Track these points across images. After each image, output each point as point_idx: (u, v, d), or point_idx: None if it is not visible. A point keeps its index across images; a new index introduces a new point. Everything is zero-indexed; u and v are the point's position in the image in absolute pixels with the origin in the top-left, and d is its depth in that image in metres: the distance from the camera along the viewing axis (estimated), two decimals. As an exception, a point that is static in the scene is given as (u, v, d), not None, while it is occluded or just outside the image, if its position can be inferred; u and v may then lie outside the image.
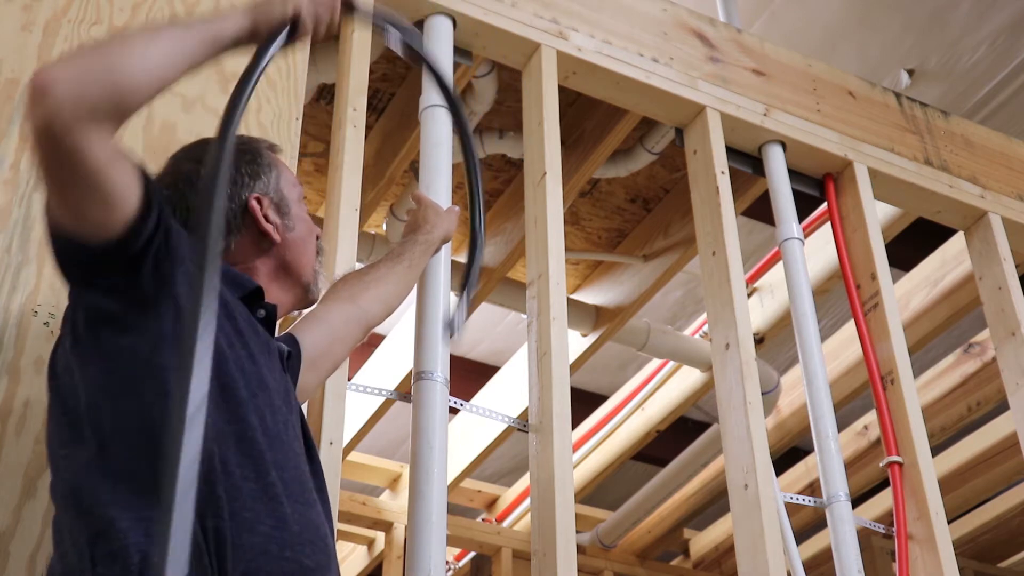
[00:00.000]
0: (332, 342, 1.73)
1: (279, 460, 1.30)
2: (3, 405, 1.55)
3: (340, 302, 1.74)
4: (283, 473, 1.29)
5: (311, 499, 1.33)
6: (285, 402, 1.39)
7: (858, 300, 2.71)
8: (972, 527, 4.65)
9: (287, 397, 1.41)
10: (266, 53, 1.34)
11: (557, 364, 2.13)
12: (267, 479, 1.27)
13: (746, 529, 2.22)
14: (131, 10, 1.98)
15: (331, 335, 1.72)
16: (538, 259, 2.28)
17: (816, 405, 2.52)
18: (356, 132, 2.18)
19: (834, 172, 2.90)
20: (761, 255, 3.82)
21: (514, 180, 3.23)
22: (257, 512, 1.24)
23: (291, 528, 1.26)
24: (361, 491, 4.41)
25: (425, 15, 2.45)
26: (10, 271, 1.65)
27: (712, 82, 2.75)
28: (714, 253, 2.54)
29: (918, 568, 2.40)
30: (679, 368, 3.85)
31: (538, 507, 2.02)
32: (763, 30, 4.10)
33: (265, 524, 1.24)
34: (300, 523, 1.27)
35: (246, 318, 1.42)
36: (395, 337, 3.69)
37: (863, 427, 4.11)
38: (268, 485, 1.27)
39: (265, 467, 1.27)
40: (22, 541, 1.47)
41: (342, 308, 1.73)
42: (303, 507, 1.30)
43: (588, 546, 4.56)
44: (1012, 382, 2.84)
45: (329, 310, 1.72)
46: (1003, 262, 2.94)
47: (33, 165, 1.75)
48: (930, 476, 2.47)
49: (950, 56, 4.27)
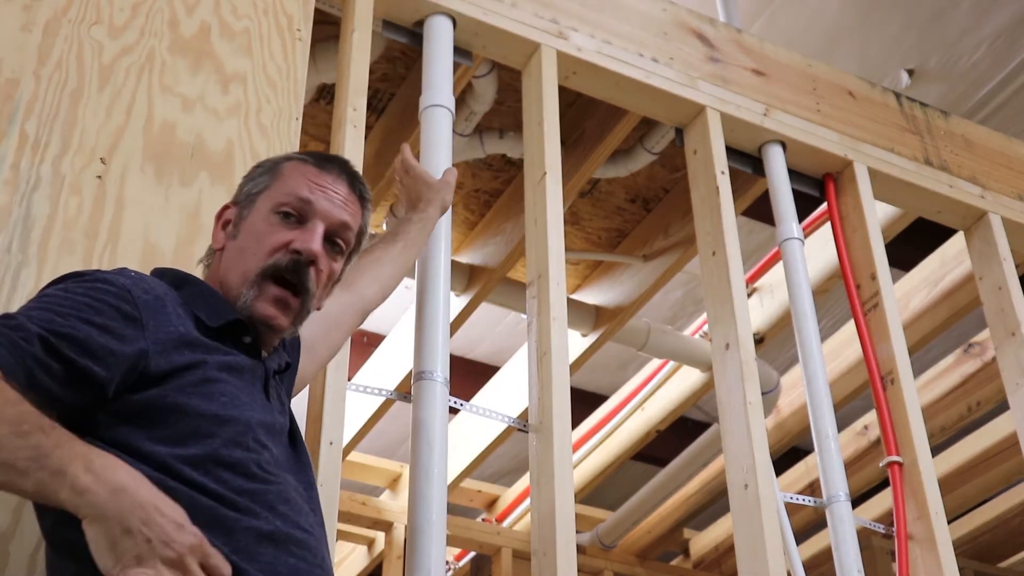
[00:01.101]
0: (329, 329, 1.73)
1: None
2: (3, 405, 1.55)
3: (337, 289, 1.69)
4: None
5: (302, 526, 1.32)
6: (270, 435, 1.36)
7: (858, 300, 2.71)
8: (972, 527, 4.65)
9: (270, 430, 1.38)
10: None
11: (557, 364, 2.13)
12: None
13: (746, 529, 2.22)
14: (131, 10, 1.98)
15: (328, 322, 1.72)
16: (538, 259, 2.28)
17: (816, 405, 2.52)
18: (356, 132, 2.18)
19: (834, 172, 2.90)
20: (761, 255, 3.83)
21: (514, 180, 3.23)
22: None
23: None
24: (361, 491, 4.41)
25: (425, 15, 2.45)
26: (10, 271, 1.65)
27: (712, 82, 2.75)
28: (714, 253, 2.54)
29: (918, 568, 2.40)
30: (679, 368, 3.85)
31: (538, 507, 2.02)
32: (763, 30, 4.10)
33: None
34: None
35: (221, 358, 1.36)
36: (395, 337, 3.69)
37: (863, 427, 4.11)
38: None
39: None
40: (22, 541, 1.47)
41: (338, 295, 1.70)
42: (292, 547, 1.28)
43: (588, 546, 4.56)
44: (1012, 382, 2.84)
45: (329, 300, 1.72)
46: (1003, 262, 2.94)
47: (33, 167, 1.76)
48: (930, 476, 2.47)
49: (950, 56, 4.27)
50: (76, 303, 1.27)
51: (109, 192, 1.79)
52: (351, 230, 1.53)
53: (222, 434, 1.28)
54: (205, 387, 1.31)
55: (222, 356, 1.36)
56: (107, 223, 1.76)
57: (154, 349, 1.29)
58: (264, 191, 1.52)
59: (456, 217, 3.27)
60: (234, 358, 1.37)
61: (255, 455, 1.30)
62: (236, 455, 1.28)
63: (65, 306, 1.26)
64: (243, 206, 1.52)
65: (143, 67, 1.93)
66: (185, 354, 1.32)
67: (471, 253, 3.35)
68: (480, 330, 5.16)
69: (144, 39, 1.96)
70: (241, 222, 1.50)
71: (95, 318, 1.26)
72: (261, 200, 1.51)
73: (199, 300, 1.42)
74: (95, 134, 1.83)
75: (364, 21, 2.32)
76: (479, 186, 3.26)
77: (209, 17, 2.05)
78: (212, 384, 1.31)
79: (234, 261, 1.47)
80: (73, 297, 1.28)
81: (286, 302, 1.45)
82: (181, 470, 1.24)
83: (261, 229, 1.48)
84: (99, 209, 1.76)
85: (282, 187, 1.51)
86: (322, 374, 1.89)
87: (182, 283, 1.45)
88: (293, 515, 1.30)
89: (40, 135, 1.78)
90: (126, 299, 1.30)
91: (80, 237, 1.72)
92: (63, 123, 1.81)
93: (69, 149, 1.79)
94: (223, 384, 1.33)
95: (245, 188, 1.55)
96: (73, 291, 1.30)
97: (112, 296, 1.30)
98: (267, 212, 1.49)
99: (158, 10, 2.01)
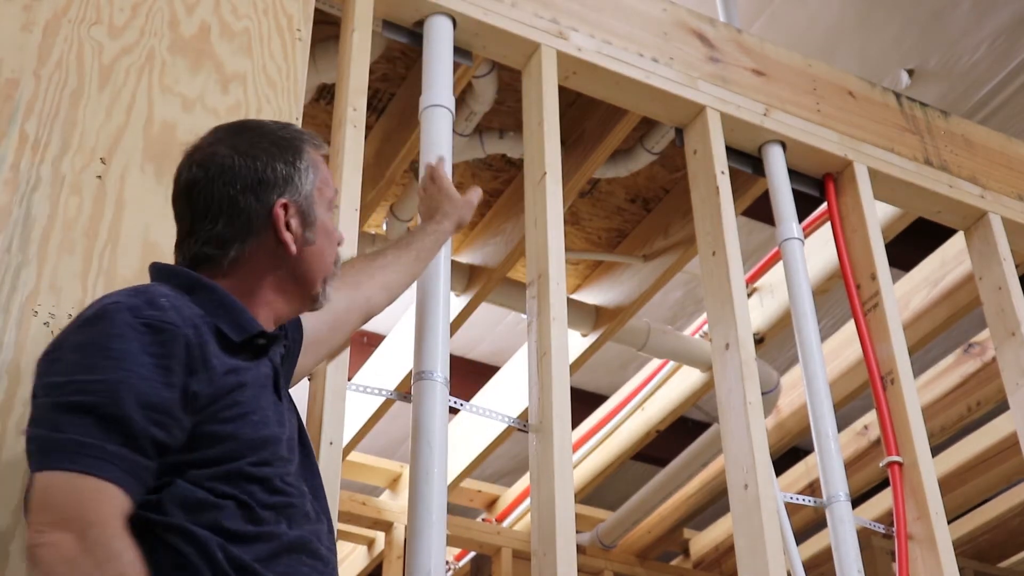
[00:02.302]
0: (333, 328, 1.74)
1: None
2: (3, 405, 1.55)
3: (345, 288, 1.72)
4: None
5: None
6: (289, 449, 1.40)
7: (858, 300, 2.71)
8: (972, 527, 4.65)
9: (291, 444, 1.41)
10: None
11: (557, 364, 2.13)
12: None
13: (746, 529, 2.22)
14: (131, 10, 1.98)
15: (333, 321, 1.73)
16: (538, 259, 2.28)
17: (816, 405, 2.52)
18: (356, 132, 2.18)
19: (834, 172, 2.90)
20: (761, 255, 3.83)
21: (514, 180, 3.23)
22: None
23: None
24: (361, 491, 4.41)
25: (425, 15, 2.45)
26: (10, 271, 1.65)
27: (712, 82, 2.75)
28: (714, 253, 2.54)
29: (918, 568, 2.40)
30: (679, 368, 3.85)
31: (538, 507, 2.02)
32: (763, 30, 4.10)
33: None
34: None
35: (247, 377, 1.37)
36: (395, 337, 3.69)
37: (863, 427, 4.11)
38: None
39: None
40: (22, 541, 1.47)
41: (346, 294, 1.72)
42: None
43: (588, 546, 4.56)
44: (1012, 382, 2.84)
45: (335, 298, 1.72)
46: (1003, 262, 2.94)
47: (33, 168, 1.76)
48: (930, 476, 2.47)
49: (950, 56, 4.27)
50: (147, 364, 1.26)
51: (109, 192, 1.79)
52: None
53: (251, 454, 1.32)
54: (236, 409, 1.33)
55: (247, 374, 1.37)
56: (107, 223, 1.76)
57: (205, 392, 1.30)
58: (315, 187, 1.51)
59: (456, 217, 3.27)
60: (255, 371, 1.39)
61: (280, 469, 1.34)
62: (263, 472, 1.32)
63: (142, 371, 1.26)
64: (305, 205, 1.49)
65: (143, 67, 1.93)
66: (220, 382, 1.33)
67: (471, 253, 3.35)
68: (480, 330, 5.16)
69: (144, 39, 1.96)
70: (314, 225, 1.50)
71: (172, 379, 1.27)
72: (316, 196, 1.51)
73: (220, 311, 1.39)
74: (95, 134, 1.83)
75: (364, 21, 2.32)
76: (479, 186, 3.26)
77: (209, 17, 2.05)
78: (241, 406, 1.33)
79: (316, 265, 1.50)
80: (145, 359, 1.27)
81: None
82: (213, 486, 1.28)
83: (330, 228, 1.53)
84: (99, 209, 1.76)
85: (324, 180, 1.54)
86: (322, 374, 1.89)
87: (194, 288, 1.41)
88: (309, 527, 1.35)
89: (40, 135, 1.78)
90: (188, 347, 1.30)
91: (80, 237, 1.72)
92: (63, 123, 1.81)
93: (69, 149, 1.79)
94: (250, 403, 1.35)
95: (294, 180, 1.49)
96: (145, 345, 1.28)
97: (180, 347, 1.29)
98: (326, 208, 1.53)
99: (158, 10, 2.01)
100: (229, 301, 1.41)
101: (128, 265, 1.73)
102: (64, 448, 1.20)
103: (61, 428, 1.21)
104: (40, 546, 1.16)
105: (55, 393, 1.24)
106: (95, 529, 1.17)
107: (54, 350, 1.31)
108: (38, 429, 1.24)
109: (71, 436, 1.20)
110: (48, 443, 1.21)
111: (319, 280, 1.51)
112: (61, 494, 1.18)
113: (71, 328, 1.32)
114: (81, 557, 1.15)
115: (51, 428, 1.22)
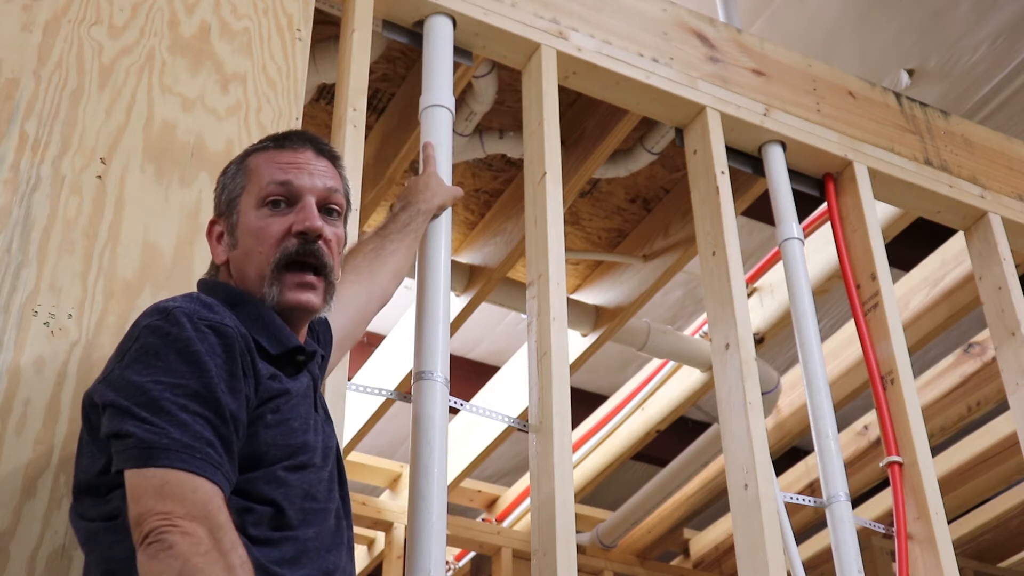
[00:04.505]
0: (357, 321, 1.78)
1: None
2: (3, 405, 1.55)
3: (362, 282, 1.77)
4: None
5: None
6: (323, 457, 1.42)
7: (858, 300, 2.71)
8: (972, 527, 4.65)
9: (325, 452, 1.44)
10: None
11: (557, 364, 2.13)
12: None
13: (746, 529, 2.22)
14: (131, 10, 1.98)
15: (356, 315, 1.77)
16: (538, 259, 2.28)
17: (816, 405, 2.52)
18: (356, 132, 2.18)
19: (834, 172, 2.90)
20: (761, 255, 3.83)
21: (514, 180, 3.23)
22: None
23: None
24: (361, 491, 4.41)
25: (425, 15, 2.45)
26: (10, 271, 1.65)
27: (712, 82, 2.75)
28: (714, 253, 2.54)
29: (918, 568, 2.40)
30: (679, 368, 3.85)
31: (538, 507, 2.02)
32: (763, 30, 4.10)
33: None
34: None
35: (288, 385, 1.40)
36: (395, 337, 3.69)
37: (863, 427, 4.11)
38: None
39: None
40: (22, 541, 1.47)
41: (365, 288, 1.77)
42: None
43: (588, 546, 4.56)
44: (1012, 382, 2.84)
45: (355, 292, 1.75)
46: (1003, 262, 2.94)
47: (33, 168, 1.76)
48: (930, 476, 2.47)
49: (950, 56, 4.27)
50: (215, 373, 1.29)
51: (109, 192, 1.79)
52: (338, 191, 1.55)
53: (287, 458, 1.34)
54: (278, 415, 1.36)
55: (288, 384, 1.40)
56: (107, 223, 1.76)
57: (253, 396, 1.34)
58: (243, 192, 1.52)
59: (456, 217, 3.27)
60: (295, 383, 1.41)
61: (314, 476, 1.38)
62: (295, 477, 1.35)
63: (212, 383, 1.28)
64: (228, 214, 1.53)
65: (143, 67, 1.93)
66: (265, 385, 1.36)
67: (471, 253, 3.35)
68: (480, 330, 5.16)
69: (144, 39, 1.96)
70: (235, 229, 1.51)
71: (237, 385, 1.30)
72: (243, 201, 1.52)
73: (259, 325, 1.42)
74: (95, 134, 1.83)
75: (364, 21, 2.32)
76: (479, 186, 3.26)
77: (209, 17, 2.05)
78: (282, 412, 1.36)
79: (245, 266, 1.48)
80: (214, 370, 1.29)
81: (311, 284, 1.48)
82: (248, 489, 1.30)
83: (258, 226, 1.49)
84: (99, 209, 1.76)
85: (258, 180, 1.52)
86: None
87: (237, 303, 1.44)
88: (329, 539, 1.38)
89: (40, 135, 1.78)
90: (243, 352, 1.33)
91: (80, 237, 1.72)
92: (63, 123, 1.81)
93: (69, 149, 1.79)
94: (290, 410, 1.38)
95: (223, 197, 1.55)
96: (212, 354, 1.30)
97: (238, 351, 1.32)
98: (255, 209, 1.50)
99: (158, 10, 2.01)
100: (270, 317, 1.44)
101: (128, 265, 1.73)
102: (176, 450, 1.23)
103: (167, 431, 1.23)
104: (177, 532, 1.17)
105: (153, 392, 1.26)
106: (223, 532, 1.20)
107: (134, 348, 1.32)
108: (139, 426, 1.24)
109: (181, 439, 1.23)
110: (157, 442, 1.23)
111: (254, 282, 1.47)
112: (185, 491, 1.21)
113: (140, 330, 1.33)
114: (215, 554, 1.17)
115: (155, 429, 1.23)
